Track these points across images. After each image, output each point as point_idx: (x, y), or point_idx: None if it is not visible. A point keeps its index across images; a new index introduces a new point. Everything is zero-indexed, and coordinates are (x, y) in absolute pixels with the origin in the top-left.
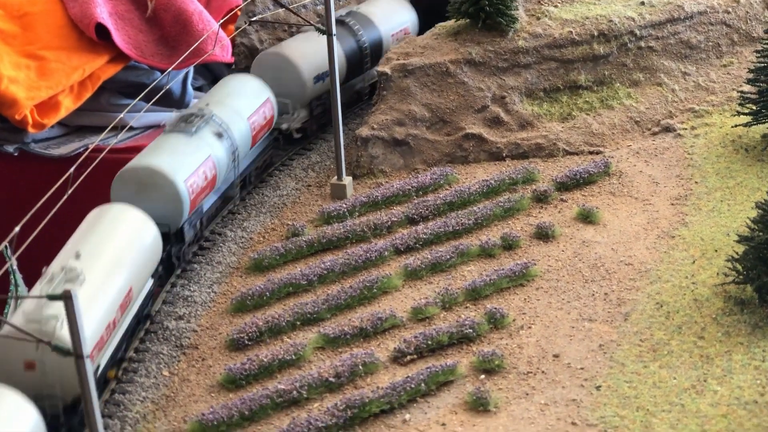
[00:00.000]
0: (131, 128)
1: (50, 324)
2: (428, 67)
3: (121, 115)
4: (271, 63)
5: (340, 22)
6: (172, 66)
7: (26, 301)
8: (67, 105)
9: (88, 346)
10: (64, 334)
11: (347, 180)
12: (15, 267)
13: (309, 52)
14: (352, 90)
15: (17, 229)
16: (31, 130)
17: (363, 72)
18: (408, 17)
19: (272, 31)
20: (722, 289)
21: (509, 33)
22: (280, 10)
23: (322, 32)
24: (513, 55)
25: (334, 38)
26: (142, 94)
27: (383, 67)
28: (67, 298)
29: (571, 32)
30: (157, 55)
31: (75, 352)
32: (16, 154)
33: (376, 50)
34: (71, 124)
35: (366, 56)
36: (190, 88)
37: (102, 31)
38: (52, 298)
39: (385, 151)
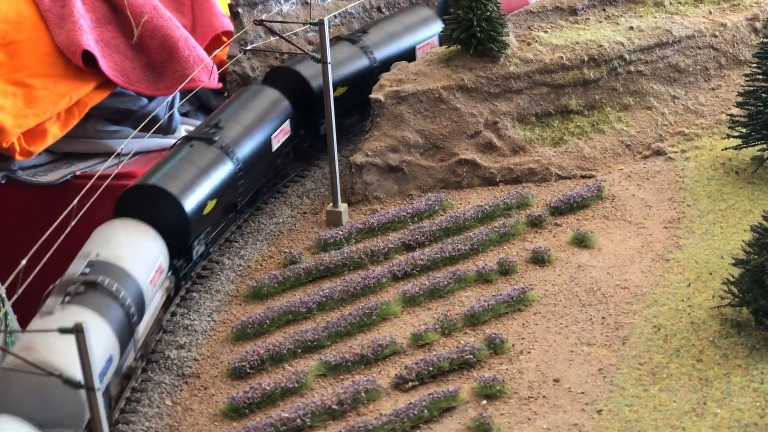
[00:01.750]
0: (119, 155)
1: None
2: (421, 93)
3: (124, 144)
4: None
5: (91, 284)
6: (175, 90)
7: None
8: (54, 132)
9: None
10: None
11: (343, 207)
12: (4, 296)
13: (63, 345)
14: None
15: (24, 262)
16: (18, 157)
17: (132, 343)
18: (158, 248)
19: (263, 59)
20: (719, 312)
21: (500, 59)
22: (272, 39)
23: (317, 60)
24: (504, 81)
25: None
26: (141, 126)
27: (377, 94)
28: (78, 331)
29: (562, 57)
30: (144, 81)
31: (86, 385)
32: (3, 182)
33: (139, 307)
34: (58, 151)
35: (133, 323)
36: (176, 114)
37: (88, 58)
38: (64, 331)
39: (380, 177)
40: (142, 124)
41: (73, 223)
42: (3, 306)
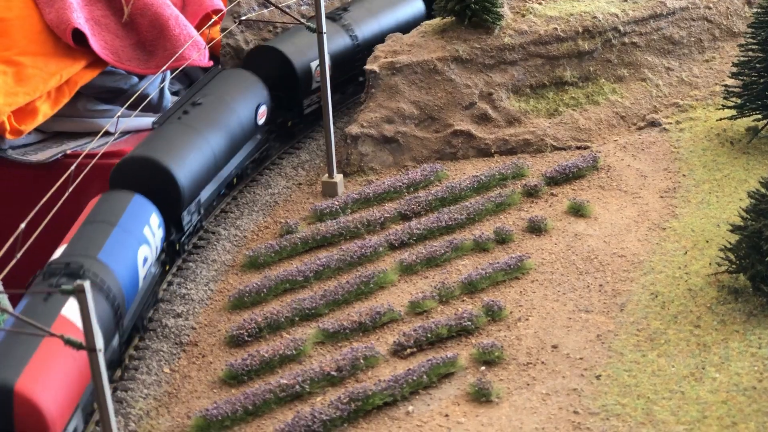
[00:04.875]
0: (109, 133)
1: None
2: (416, 64)
3: (112, 120)
4: None
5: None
6: (162, 69)
7: None
8: (45, 111)
9: (100, 341)
10: None
11: (338, 177)
12: None
13: None
14: None
15: (23, 226)
16: (8, 136)
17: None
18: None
19: (257, 32)
20: (715, 279)
21: (495, 30)
22: (266, 11)
23: (312, 30)
24: (499, 52)
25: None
26: (128, 103)
27: (371, 65)
28: (79, 291)
29: (556, 29)
30: (134, 60)
31: (88, 346)
32: None
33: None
34: (48, 130)
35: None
36: (167, 92)
37: (79, 36)
38: (65, 292)
39: (375, 148)
40: (129, 102)
41: (69, 191)
42: None
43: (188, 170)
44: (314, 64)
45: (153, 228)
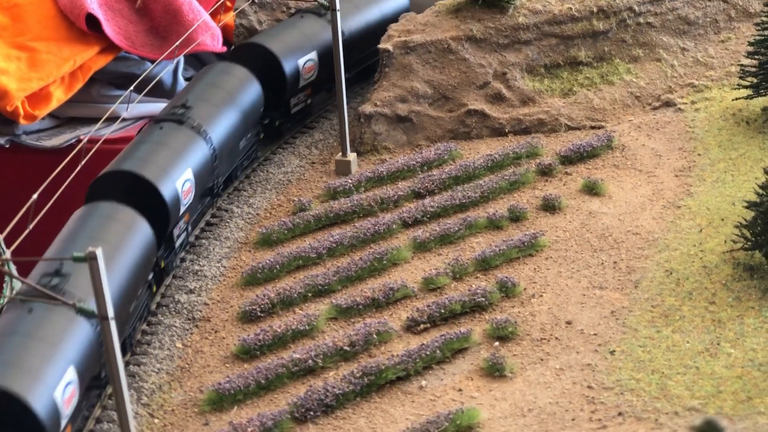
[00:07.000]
0: (123, 119)
1: None
2: (430, 44)
3: (115, 106)
4: None
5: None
6: (175, 54)
7: None
8: (58, 96)
9: (111, 309)
10: None
11: (352, 156)
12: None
13: None
14: None
15: (35, 196)
16: (22, 121)
17: None
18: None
19: (271, 12)
20: (731, 256)
21: (509, 10)
22: None
23: (326, 8)
24: (513, 32)
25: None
26: (133, 84)
27: (385, 44)
28: (92, 258)
29: (571, 8)
30: (148, 45)
31: (99, 314)
32: (7, 146)
33: None
34: (62, 115)
35: None
36: (180, 78)
37: (92, 21)
38: (77, 260)
39: (388, 127)
40: (134, 84)
41: (80, 166)
42: (3, 253)
43: None
44: None
45: None
